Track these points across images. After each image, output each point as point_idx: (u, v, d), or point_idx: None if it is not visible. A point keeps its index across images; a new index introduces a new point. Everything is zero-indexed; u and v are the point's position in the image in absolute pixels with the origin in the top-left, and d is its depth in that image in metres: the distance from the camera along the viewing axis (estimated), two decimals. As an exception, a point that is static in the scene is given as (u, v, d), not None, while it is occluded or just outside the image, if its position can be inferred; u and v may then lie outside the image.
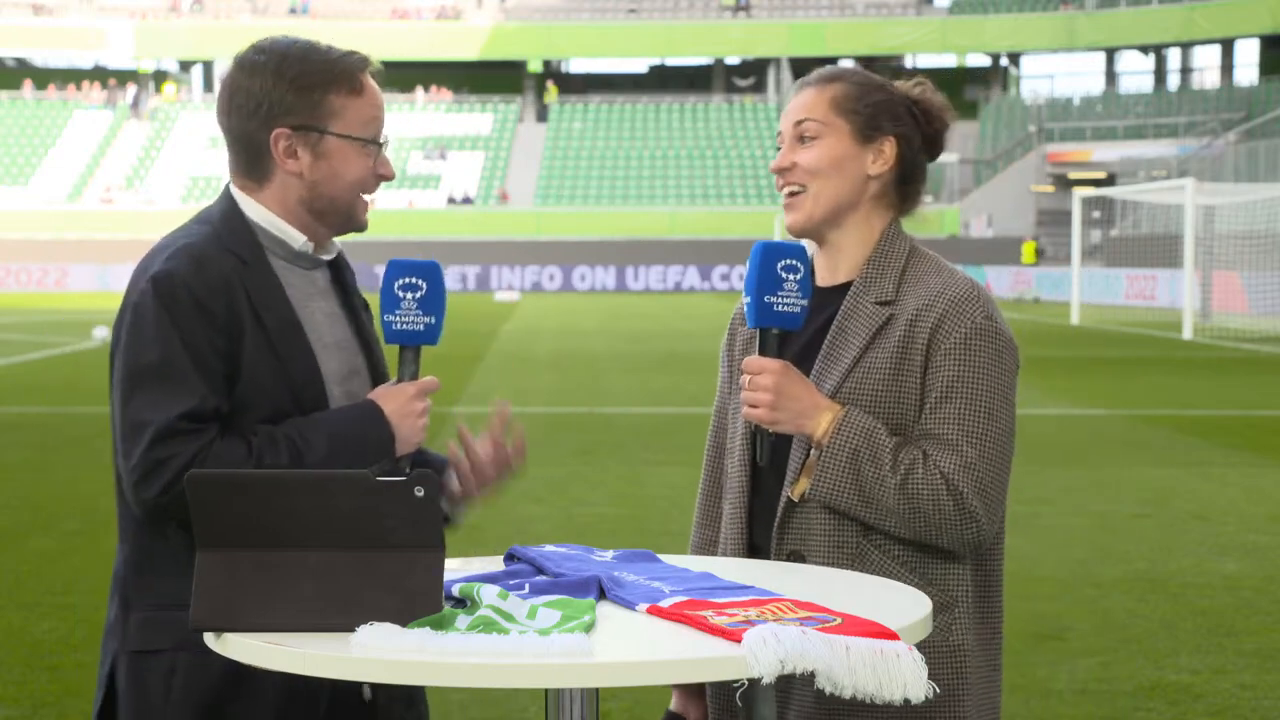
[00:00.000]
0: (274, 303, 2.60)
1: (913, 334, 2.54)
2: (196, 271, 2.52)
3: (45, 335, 27.33)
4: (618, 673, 1.99)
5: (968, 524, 2.47)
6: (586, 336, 27.94)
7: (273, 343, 2.58)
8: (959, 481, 2.46)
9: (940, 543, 2.50)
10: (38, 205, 58.08)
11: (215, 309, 2.52)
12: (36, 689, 5.71)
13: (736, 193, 59.32)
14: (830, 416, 2.50)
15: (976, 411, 2.50)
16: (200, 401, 2.48)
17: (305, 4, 66.73)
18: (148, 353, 2.49)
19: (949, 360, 2.52)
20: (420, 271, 2.55)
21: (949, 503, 2.45)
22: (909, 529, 2.48)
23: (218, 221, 2.64)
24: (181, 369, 2.48)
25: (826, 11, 65.74)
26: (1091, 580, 7.59)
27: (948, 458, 2.47)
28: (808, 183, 2.63)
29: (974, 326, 2.53)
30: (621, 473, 11.07)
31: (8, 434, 13.54)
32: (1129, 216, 47.19)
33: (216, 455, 2.46)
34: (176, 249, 2.57)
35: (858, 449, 2.48)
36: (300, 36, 2.71)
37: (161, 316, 2.50)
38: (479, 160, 62.06)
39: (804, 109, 2.65)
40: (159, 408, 2.46)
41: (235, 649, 2.04)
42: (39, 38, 66.41)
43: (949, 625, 2.52)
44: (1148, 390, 17.94)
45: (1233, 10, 56.94)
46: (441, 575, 2.09)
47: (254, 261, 2.61)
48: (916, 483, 2.46)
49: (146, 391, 2.48)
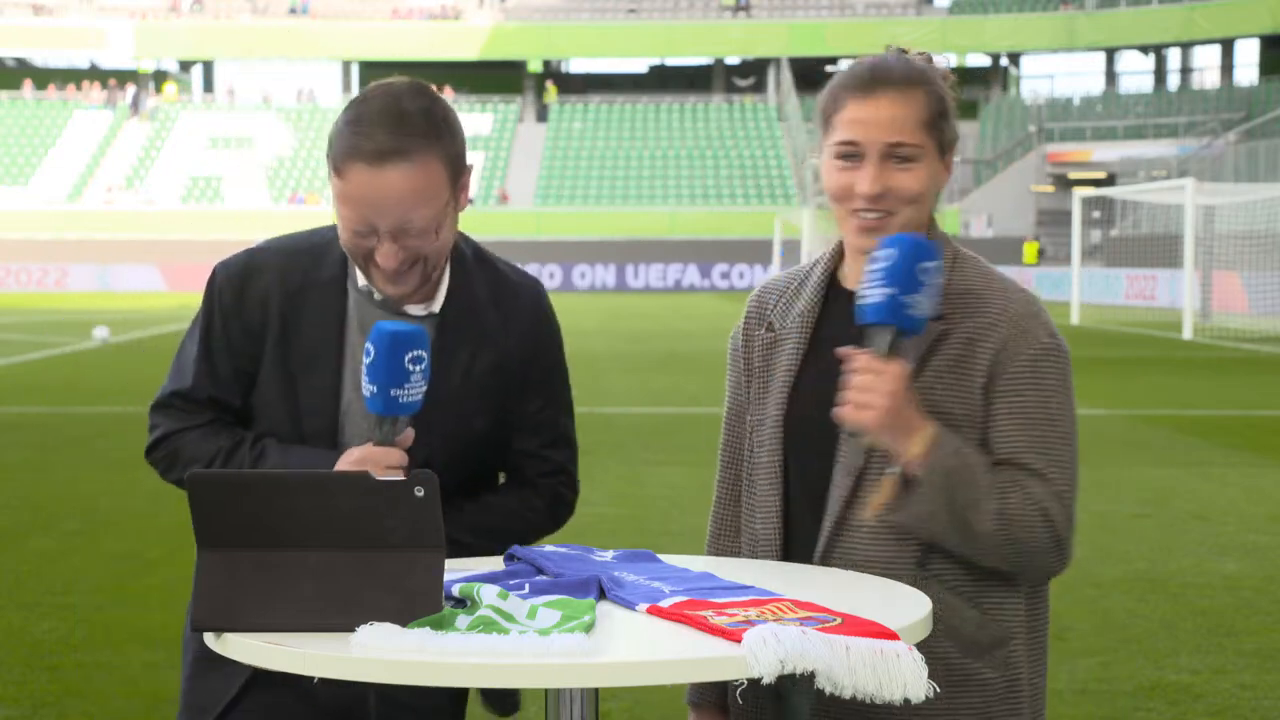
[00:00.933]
0: (315, 333, 2.63)
1: (973, 355, 2.39)
2: (242, 278, 2.67)
3: (45, 335, 27.34)
4: (618, 673, 1.99)
5: (1057, 554, 2.37)
6: (586, 336, 27.94)
7: (291, 370, 2.62)
8: (1053, 511, 2.34)
9: (1021, 570, 2.39)
10: (38, 205, 58.09)
11: (245, 316, 2.65)
12: (36, 689, 5.71)
13: (736, 193, 59.34)
14: (924, 436, 2.31)
15: (1057, 437, 2.38)
16: (192, 386, 2.69)
17: (305, 4, 66.71)
18: (186, 335, 2.75)
19: (1019, 384, 2.38)
20: (375, 338, 2.43)
21: (1044, 532, 2.34)
22: (996, 556, 2.36)
23: (316, 239, 2.70)
24: (191, 356, 2.71)
25: (826, 11, 65.76)
26: (1091, 580, 7.59)
27: (1039, 486, 2.35)
28: (899, 209, 2.44)
29: (1042, 348, 2.40)
30: (621, 473, 11.07)
31: (8, 434, 13.53)
32: (1129, 216, 47.20)
33: (188, 440, 2.70)
34: (253, 247, 2.73)
35: (951, 471, 2.31)
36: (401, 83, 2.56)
37: (202, 306, 2.72)
38: (479, 160, 62.07)
39: (896, 128, 2.42)
40: (166, 382, 2.75)
41: (235, 649, 2.04)
42: (39, 38, 66.42)
43: (1006, 660, 2.41)
44: (1148, 390, 17.94)
45: (1233, 10, 56.95)
46: (441, 575, 2.09)
47: (328, 282, 2.63)
48: (1014, 510, 2.33)
49: (174, 362, 2.75)
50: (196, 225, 55.34)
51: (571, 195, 60.10)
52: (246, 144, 62.44)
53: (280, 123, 63.75)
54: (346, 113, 2.54)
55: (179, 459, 2.70)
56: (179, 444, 2.70)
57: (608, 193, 60.09)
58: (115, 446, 12.43)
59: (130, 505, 9.43)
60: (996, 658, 2.41)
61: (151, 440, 2.74)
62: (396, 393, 2.43)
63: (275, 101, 65.99)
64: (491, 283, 2.73)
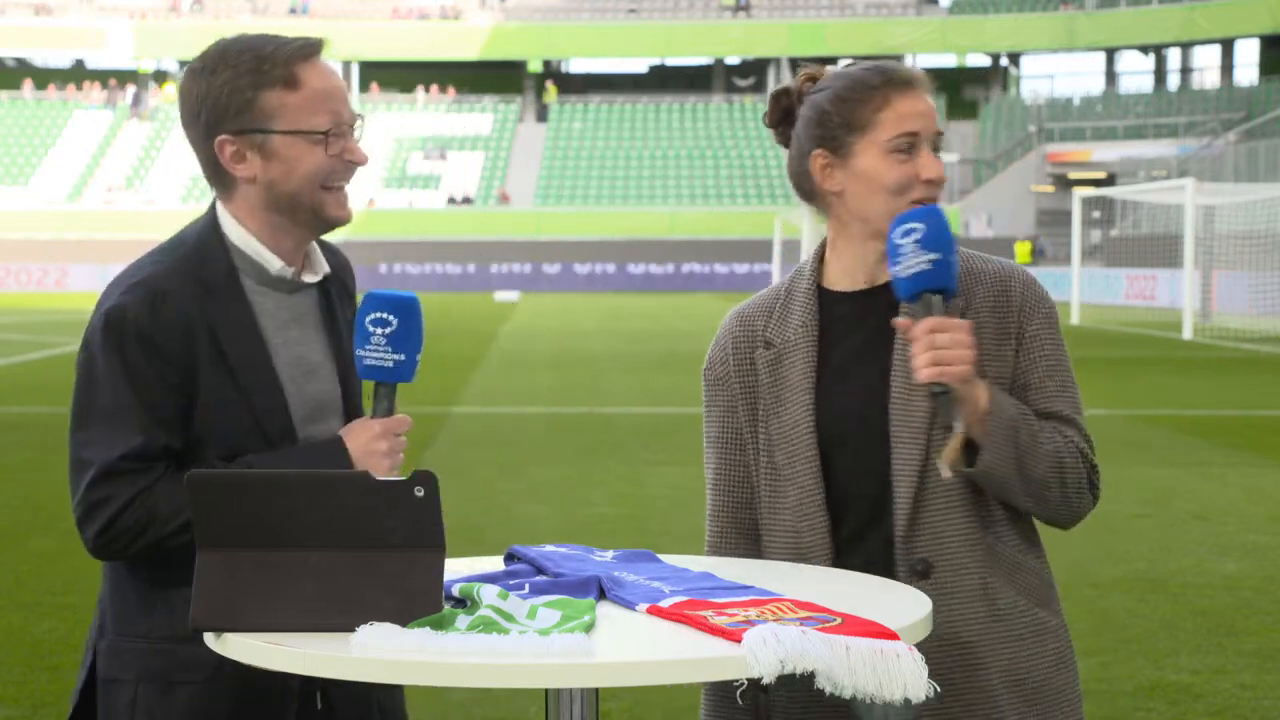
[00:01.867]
0: (240, 334, 2.51)
1: (1003, 316, 2.54)
2: (150, 309, 2.46)
3: (45, 335, 27.33)
4: (618, 673, 1.99)
5: (1093, 492, 2.55)
6: (586, 336, 27.94)
7: (235, 377, 2.50)
8: (1087, 451, 2.53)
9: (1058, 515, 2.53)
10: (38, 205, 58.10)
11: (168, 346, 2.45)
12: (36, 689, 5.71)
13: (736, 193, 59.33)
14: (985, 388, 2.44)
15: (1072, 385, 2.57)
16: (145, 441, 2.43)
17: (305, 4, 66.72)
18: (95, 391, 2.46)
19: (1041, 337, 2.55)
20: (392, 306, 2.42)
21: (1084, 474, 2.52)
22: (1043, 500, 2.50)
23: (191, 245, 2.55)
24: (127, 408, 2.43)
25: (826, 11, 65.75)
26: (1091, 580, 7.59)
27: (1072, 430, 2.52)
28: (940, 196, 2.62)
29: (1049, 305, 2.59)
30: (621, 473, 11.07)
31: (8, 434, 13.53)
32: (1129, 216, 47.20)
33: (160, 494, 2.42)
34: (135, 282, 2.49)
35: (1014, 418, 2.45)
36: (251, 34, 2.59)
37: (110, 355, 2.45)
38: (479, 160, 62.06)
39: (933, 120, 2.61)
40: (102, 446, 2.43)
41: (235, 649, 2.04)
42: (39, 38, 66.42)
43: (1059, 608, 2.59)
44: (1148, 390, 17.95)
45: (1233, 10, 56.94)
46: (441, 575, 2.09)
47: (223, 289, 2.52)
48: (1061, 452, 2.48)
49: (91, 430, 2.45)
50: (196, 225, 55.26)
51: (571, 195, 60.09)
52: (246, 144, 62.44)
53: (280, 123, 63.73)
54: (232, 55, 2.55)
55: (155, 519, 2.43)
56: (151, 502, 2.42)
57: (608, 193, 60.09)
58: (115, 446, 12.43)
59: (130, 505, 9.42)
60: (1054, 606, 2.57)
61: (110, 513, 2.42)
62: (419, 357, 2.47)
63: (275, 101, 65.98)
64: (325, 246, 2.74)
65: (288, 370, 2.56)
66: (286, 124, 2.50)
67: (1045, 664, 2.52)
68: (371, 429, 2.49)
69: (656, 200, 59.00)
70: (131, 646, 2.52)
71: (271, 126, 2.49)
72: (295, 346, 2.58)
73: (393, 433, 2.50)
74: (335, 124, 2.52)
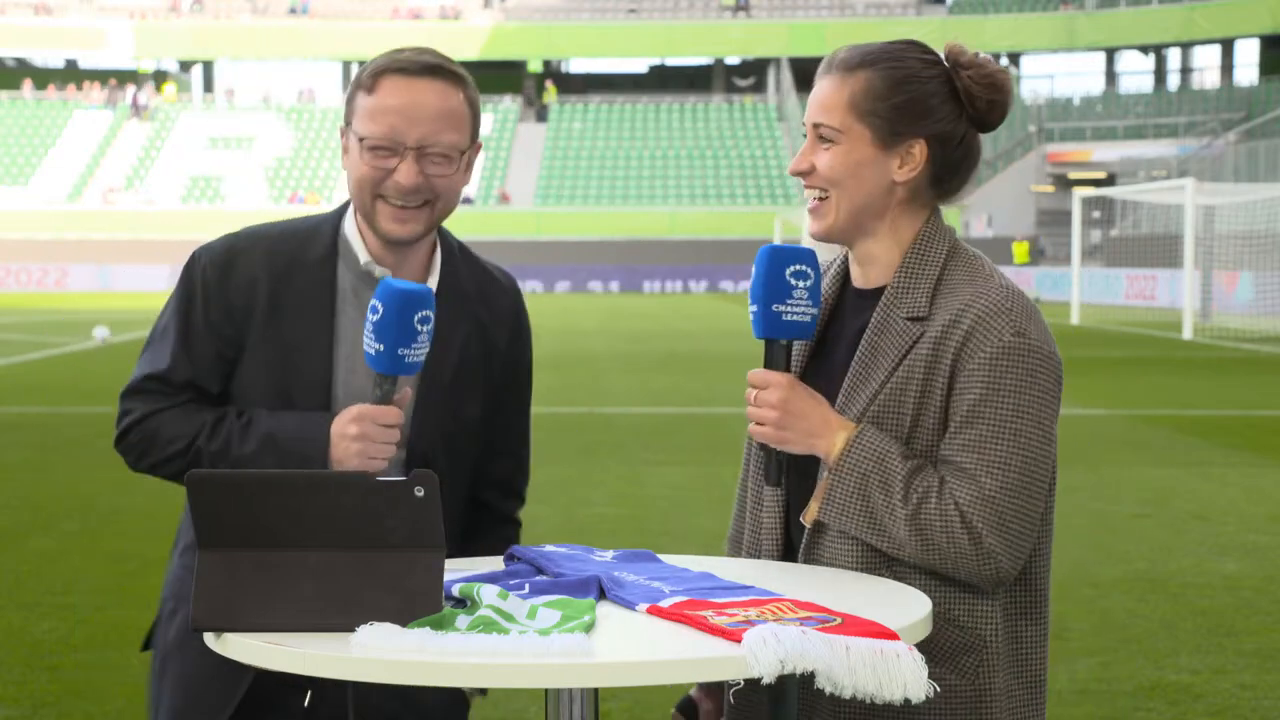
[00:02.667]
0: (309, 312, 2.61)
1: (939, 353, 2.34)
2: (228, 254, 2.64)
3: (45, 335, 27.33)
4: (618, 673, 1.99)
5: (984, 562, 2.27)
6: (586, 336, 27.94)
7: (287, 350, 2.60)
8: (974, 517, 2.26)
9: (959, 577, 2.31)
10: (38, 205, 58.09)
11: (230, 296, 2.61)
12: (36, 689, 5.71)
13: (736, 193, 59.33)
14: (844, 436, 2.33)
15: (1000, 437, 2.28)
16: (169, 367, 2.63)
17: (305, 4, 66.71)
18: (160, 318, 2.69)
19: (973, 382, 2.31)
20: (385, 295, 2.43)
21: (963, 538, 2.26)
22: (924, 562, 2.30)
23: (308, 224, 2.70)
24: (167, 335, 2.65)
25: (826, 11, 65.77)
26: (1091, 580, 7.59)
27: (965, 489, 2.27)
28: (828, 189, 2.42)
29: (1001, 345, 2.31)
30: (621, 473, 11.07)
31: (8, 434, 13.53)
32: (1129, 216, 47.20)
33: (166, 419, 2.61)
34: (229, 234, 2.69)
35: (867, 474, 2.31)
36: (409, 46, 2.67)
37: (178, 289, 2.67)
38: (479, 160, 62.02)
39: (821, 109, 2.41)
40: (140, 366, 2.67)
41: (235, 649, 2.04)
42: (39, 38, 66.43)
43: (975, 668, 2.33)
44: (1148, 390, 17.94)
45: (1233, 10, 56.95)
46: (441, 575, 2.09)
47: (312, 267, 2.63)
48: (929, 515, 2.27)
49: (144, 351, 2.69)
50: (196, 225, 55.29)
51: (571, 195, 60.10)
52: (246, 144, 62.45)
53: (280, 123, 63.75)
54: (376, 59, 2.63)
55: (157, 439, 2.61)
56: (156, 424, 2.61)
57: (608, 193, 60.09)
58: (115, 446, 12.43)
59: (130, 505, 9.43)
60: (962, 665, 2.33)
61: (124, 425, 2.64)
62: (404, 352, 2.44)
63: (275, 101, 65.99)
64: (478, 277, 2.77)
65: (347, 357, 2.62)
66: (356, 124, 2.58)
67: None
68: (350, 413, 2.52)
69: (656, 200, 59.01)
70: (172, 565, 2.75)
71: (353, 124, 2.59)
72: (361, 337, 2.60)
73: (372, 420, 2.49)
74: (389, 139, 2.55)
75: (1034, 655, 2.40)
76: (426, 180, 2.57)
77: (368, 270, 2.64)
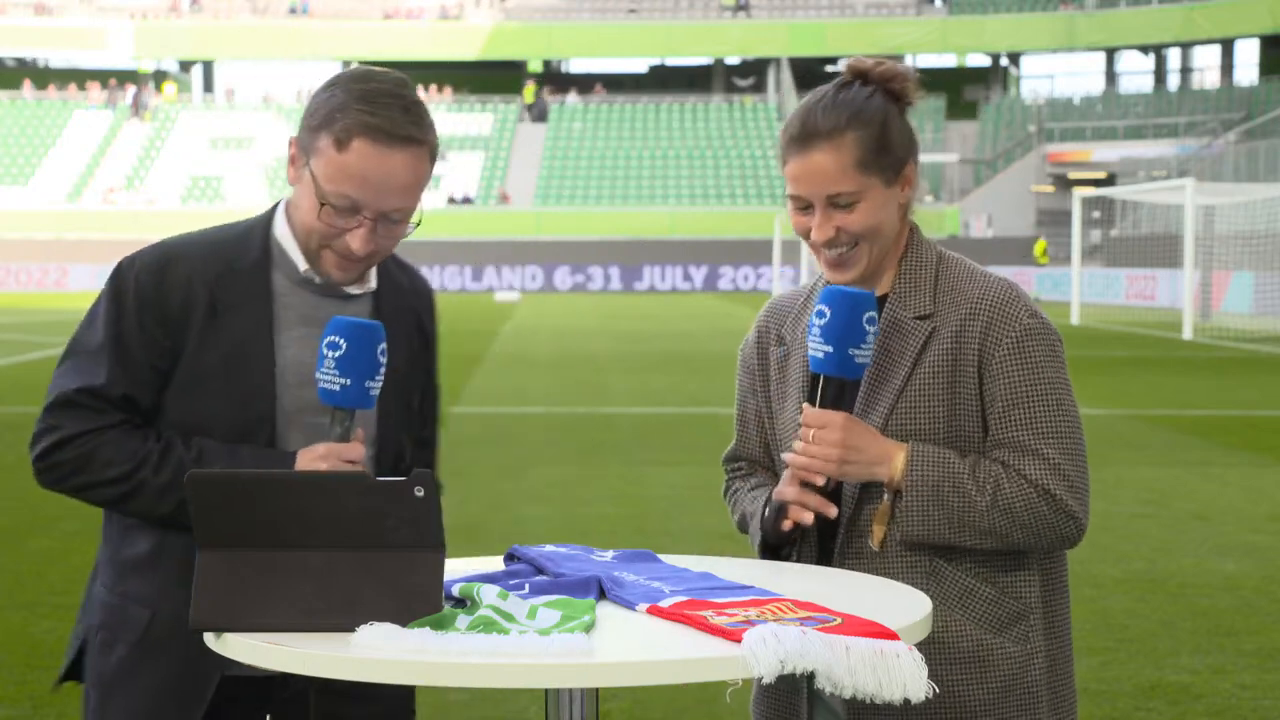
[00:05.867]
0: (247, 321, 2.54)
1: (961, 346, 2.51)
2: (158, 267, 2.55)
3: (45, 335, 27.33)
4: (618, 673, 2.00)
5: (1067, 522, 2.48)
6: (586, 336, 27.94)
7: (226, 359, 2.53)
8: (1048, 484, 2.46)
9: (1043, 546, 2.51)
10: (38, 205, 58.09)
11: (164, 306, 2.53)
12: (36, 689, 5.71)
13: (736, 193, 59.33)
14: (901, 457, 2.47)
15: (1046, 410, 2.49)
16: (105, 383, 2.52)
17: (305, 4, 66.70)
18: (85, 329, 2.58)
19: (1006, 367, 2.49)
20: (345, 331, 2.43)
21: (1044, 507, 2.46)
22: (1009, 542, 2.48)
23: (237, 230, 2.62)
24: (102, 348, 2.54)
25: (826, 11, 65.74)
26: (1091, 580, 7.59)
27: (1030, 463, 2.47)
28: (857, 244, 2.55)
29: (1023, 328, 2.51)
30: (622, 473, 11.07)
31: (8, 434, 13.53)
32: (1129, 216, 47.20)
33: (107, 441, 2.52)
34: (159, 243, 2.61)
35: (939, 482, 2.45)
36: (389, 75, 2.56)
37: (107, 299, 2.56)
38: (479, 160, 62.06)
39: (831, 179, 2.52)
40: (69, 378, 2.55)
41: (235, 649, 2.04)
42: (39, 38, 66.42)
43: (1026, 634, 2.52)
44: (1148, 390, 17.94)
45: (1233, 10, 56.95)
46: (441, 575, 2.09)
47: (247, 275, 2.55)
48: (1007, 497, 2.45)
49: (67, 361, 2.58)
50: (196, 225, 54.06)
51: (571, 195, 60.09)
52: (246, 144, 62.43)
53: (280, 123, 63.72)
54: (349, 88, 2.50)
55: (93, 461, 2.52)
56: (93, 445, 2.51)
57: (608, 193, 60.08)
58: (115, 446, 12.43)
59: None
60: (1015, 632, 2.51)
61: (52, 441, 2.53)
62: (370, 385, 2.45)
63: (275, 101, 65.96)
64: (398, 265, 2.78)
65: (288, 368, 2.56)
66: (316, 168, 2.51)
67: (986, 692, 2.48)
68: (315, 451, 2.48)
69: (656, 200, 59.00)
70: (98, 593, 2.65)
71: (311, 160, 2.52)
72: (303, 348, 2.57)
73: (339, 458, 2.47)
74: (348, 204, 2.50)
75: (1064, 621, 2.61)
76: (379, 241, 2.54)
77: (307, 277, 2.59)
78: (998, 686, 2.48)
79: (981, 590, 2.49)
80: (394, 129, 2.47)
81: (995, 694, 2.48)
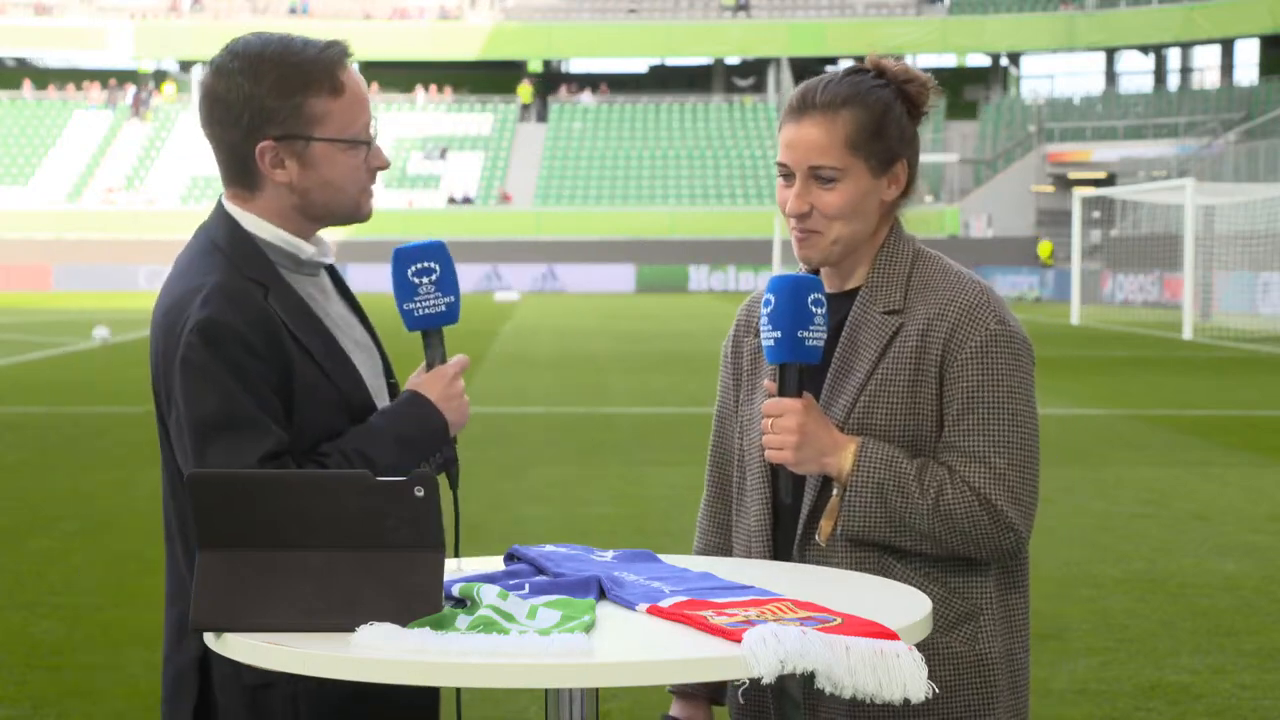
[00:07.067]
0: (305, 321, 2.53)
1: (925, 346, 2.49)
2: (237, 312, 2.44)
3: (45, 335, 27.33)
4: (618, 673, 2.00)
5: (1005, 534, 2.46)
6: (586, 336, 27.94)
7: (319, 363, 2.51)
8: (991, 493, 2.44)
9: (980, 555, 2.48)
10: (38, 205, 58.07)
11: (262, 345, 2.44)
12: (36, 689, 5.71)
13: (736, 193, 59.32)
14: (850, 451, 2.46)
15: (1000, 419, 2.47)
16: (276, 442, 2.40)
17: (305, 4, 66.70)
18: (211, 404, 2.41)
19: (966, 371, 2.48)
20: (430, 254, 2.55)
21: (984, 516, 2.44)
22: (946, 548, 2.47)
23: (227, 247, 2.53)
24: (248, 413, 2.40)
25: (826, 11, 65.73)
26: (1091, 580, 7.59)
27: (976, 471, 2.45)
28: (827, 226, 2.54)
29: (988, 334, 2.48)
30: (622, 473, 11.07)
31: (8, 434, 13.53)
32: (1129, 216, 47.18)
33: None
34: (209, 292, 2.46)
35: (882, 481, 2.44)
36: (273, 32, 2.61)
37: (216, 365, 2.41)
38: (479, 160, 62.05)
39: (817, 150, 2.52)
40: (237, 455, 2.38)
41: (235, 649, 2.04)
42: (39, 38, 66.39)
43: (975, 634, 2.50)
44: (1148, 390, 17.94)
45: (1233, 10, 56.93)
46: (441, 575, 2.09)
47: (274, 283, 2.52)
48: (948, 502, 2.44)
49: (219, 442, 2.40)
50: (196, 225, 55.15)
51: (571, 195, 60.07)
52: (246, 144, 62.41)
53: (280, 123, 63.72)
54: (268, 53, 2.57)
55: None
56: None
57: (608, 193, 60.08)
58: (115, 446, 12.43)
59: (130, 505, 9.42)
60: (962, 632, 2.49)
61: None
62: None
63: (275, 101, 65.93)
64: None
65: (347, 345, 2.61)
66: (329, 131, 2.51)
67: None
68: (446, 374, 2.59)
69: (656, 200, 58.99)
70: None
71: (315, 133, 2.51)
72: (343, 323, 2.63)
73: (462, 369, 2.61)
74: (370, 127, 2.57)
75: (1022, 621, 2.59)
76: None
77: (311, 261, 2.60)
78: (940, 686, 2.42)
79: (930, 589, 2.46)
80: (340, 51, 2.58)
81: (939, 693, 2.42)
